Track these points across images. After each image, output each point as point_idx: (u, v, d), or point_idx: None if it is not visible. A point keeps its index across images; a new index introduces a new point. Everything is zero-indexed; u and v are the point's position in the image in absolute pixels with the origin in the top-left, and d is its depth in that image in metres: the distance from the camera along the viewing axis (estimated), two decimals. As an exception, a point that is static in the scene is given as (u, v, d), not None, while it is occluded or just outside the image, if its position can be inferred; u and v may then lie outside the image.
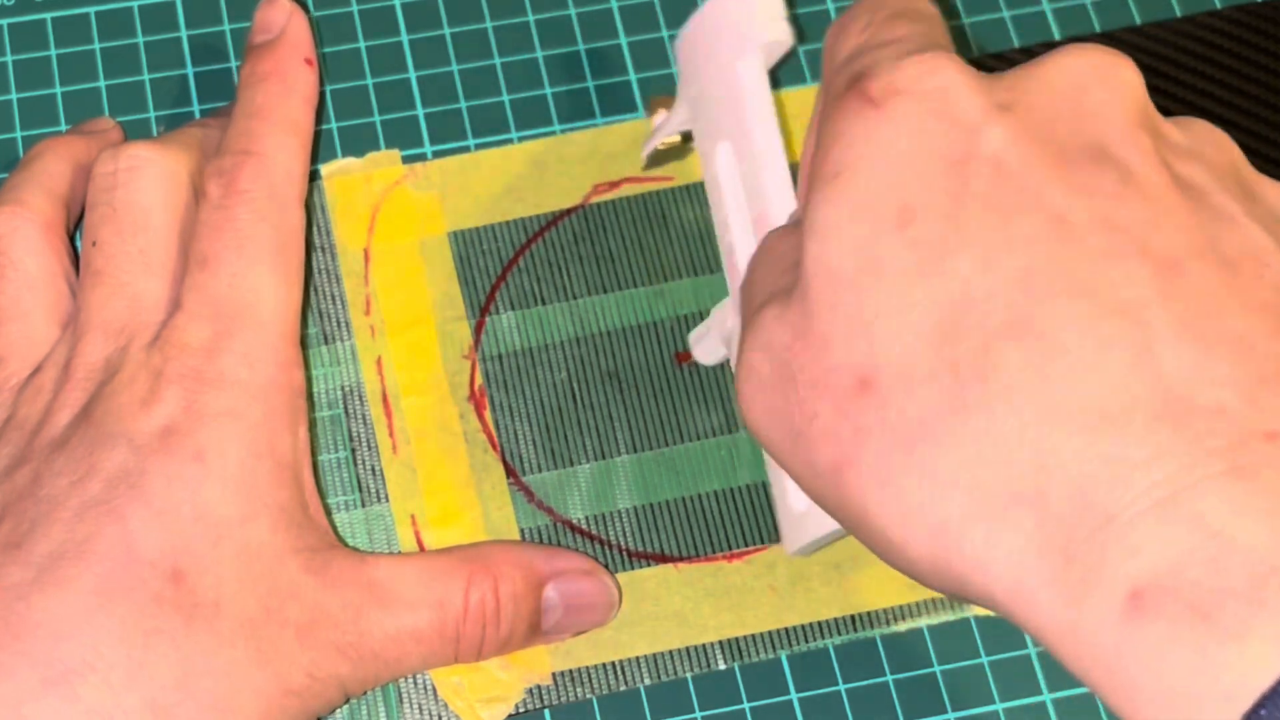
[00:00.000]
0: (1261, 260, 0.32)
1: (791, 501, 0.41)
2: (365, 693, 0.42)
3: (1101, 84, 0.34)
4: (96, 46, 0.51)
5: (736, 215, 0.44)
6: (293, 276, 0.43)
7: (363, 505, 0.46)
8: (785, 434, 0.35)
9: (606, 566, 0.45)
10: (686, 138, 0.47)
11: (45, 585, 0.38)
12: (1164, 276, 0.31)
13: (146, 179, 0.43)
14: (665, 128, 0.47)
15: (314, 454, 0.46)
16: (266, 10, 0.46)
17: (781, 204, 0.42)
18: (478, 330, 0.48)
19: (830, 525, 0.39)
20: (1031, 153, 0.33)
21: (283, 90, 0.45)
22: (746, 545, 0.45)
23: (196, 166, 0.44)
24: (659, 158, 0.48)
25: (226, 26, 0.51)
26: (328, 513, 0.45)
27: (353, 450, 0.46)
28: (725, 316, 0.45)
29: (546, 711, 0.44)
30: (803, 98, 0.50)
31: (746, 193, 0.43)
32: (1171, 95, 0.50)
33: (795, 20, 0.51)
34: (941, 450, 0.32)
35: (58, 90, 0.50)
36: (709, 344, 0.46)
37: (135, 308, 0.42)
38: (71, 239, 0.45)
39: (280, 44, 0.46)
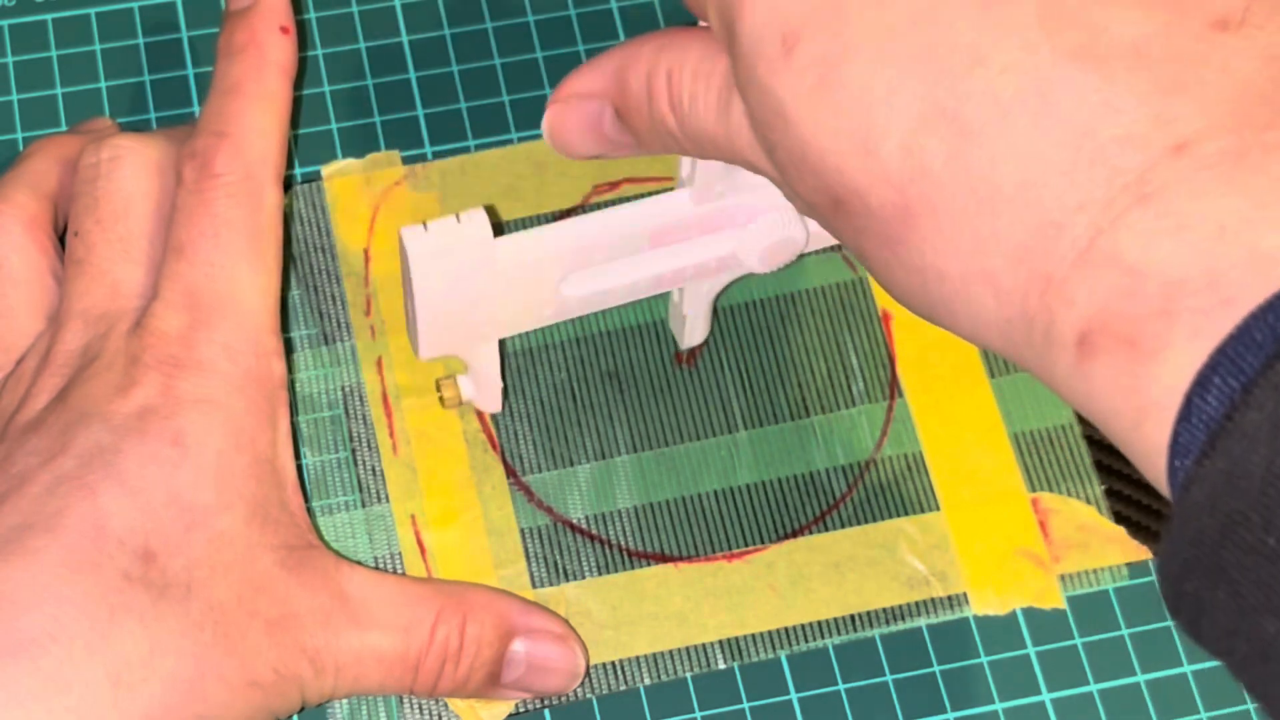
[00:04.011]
0: None
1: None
2: (320, 704, 0.41)
3: None
4: (97, 47, 0.51)
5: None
6: (270, 263, 0.42)
7: (363, 505, 0.46)
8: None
9: (607, 566, 0.45)
10: None
11: (10, 556, 0.37)
12: (1050, 5, 0.31)
13: (128, 168, 0.43)
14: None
15: (299, 452, 0.46)
16: None
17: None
18: (478, 330, 0.48)
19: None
20: None
21: (258, 63, 0.44)
22: (746, 545, 0.45)
23: (178, 156, 0.44)
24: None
25: (227, 27, 0.51)
26: (319, 513, 0.45)
27: (353, 450, 0.46)
28: (680, 302, 0.46)
29: (546, 711, 0.44)
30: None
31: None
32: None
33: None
34: (905, 273, 0.33)
35: (58, 91, 0.50)
36: (687, 325, 0.46)
37: (115, 295, 0.42)
38: (61, 236, 0.45)
39: (255, 11, 0.44)
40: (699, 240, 0.43)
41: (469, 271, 0.41)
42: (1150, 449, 0.30)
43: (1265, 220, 0.29)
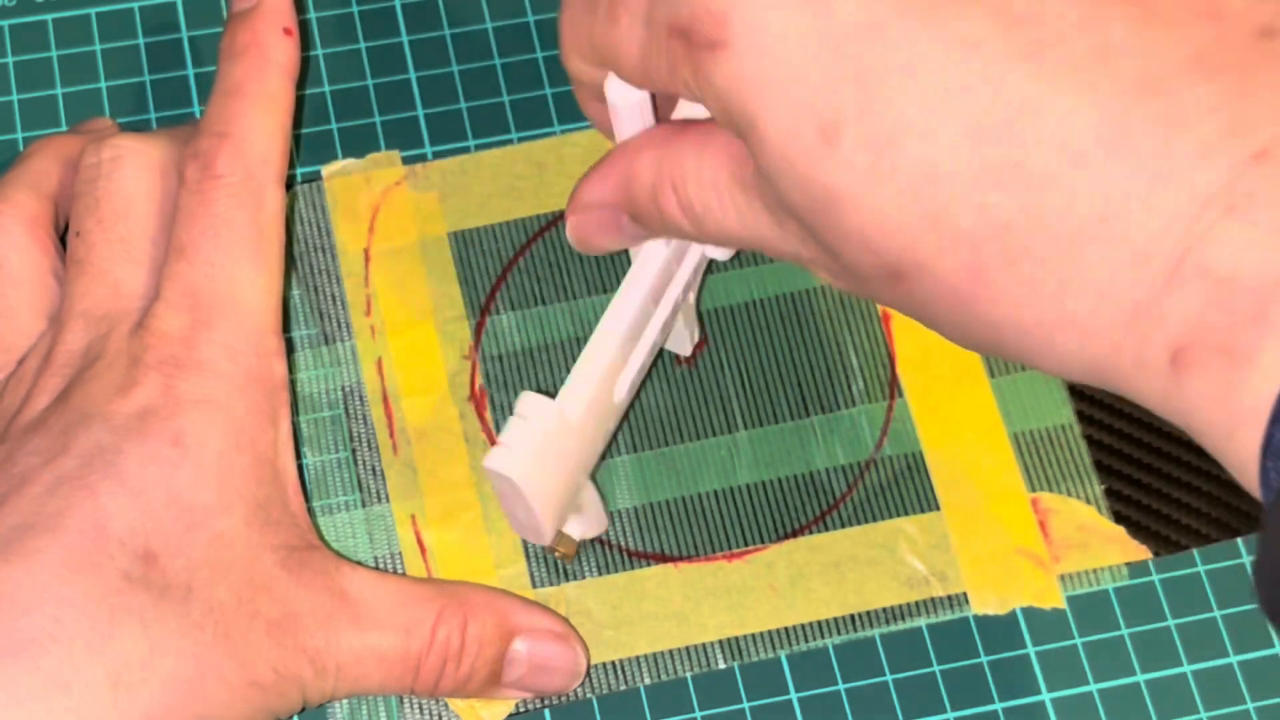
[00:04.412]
0: None
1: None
2: (320, 705, 0.41)
3: None
4: (97, 47, 0.51)
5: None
6: (272, 264, 0.42)
7: (363, 505, 0.46)
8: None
9: (607, 566, 0.45)
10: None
11: (10, 556, 0.38)
12: (1095, 40, 0.31)
13: (129, 168, 0.43)
14: None
15: (299, 452, 0.46)
16: None
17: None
18: (478, 330, 0.48)
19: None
20: None
21: (260, 64, 0.44)
22: (746, 545, 0.45)
23: (180, 156, 0.44)
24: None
25: (227, 27, 0.51)
26: (319, 513, 0.45)
27: (353, 450, 0.46)
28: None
29: (547, 711, 0.44)
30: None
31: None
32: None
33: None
34: (993, 312, 0.33)
35: (59, 91, 0.50)
36: (685, 334, 0.46)
37: (116, 295, 0.42)
38: (63, 236, 0.45)
39: (258, 13, 0.44)
40: (680, 269, 0.43)
41: (557, 449, 0.41)
42: (1245, 457, 0.30)
43: None
